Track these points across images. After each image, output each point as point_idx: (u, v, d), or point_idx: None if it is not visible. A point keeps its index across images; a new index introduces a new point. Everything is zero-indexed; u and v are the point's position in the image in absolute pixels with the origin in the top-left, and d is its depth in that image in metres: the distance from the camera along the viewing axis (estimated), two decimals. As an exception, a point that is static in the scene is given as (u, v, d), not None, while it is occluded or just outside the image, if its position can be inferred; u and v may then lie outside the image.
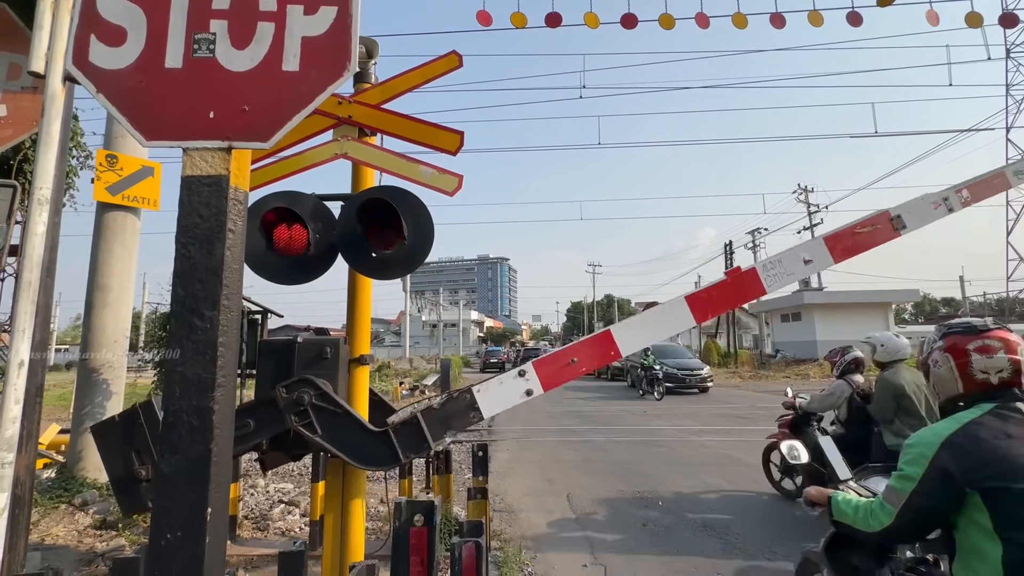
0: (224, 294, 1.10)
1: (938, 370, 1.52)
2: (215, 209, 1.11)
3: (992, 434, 1.31)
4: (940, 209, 2.41)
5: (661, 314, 2.31)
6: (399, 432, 2.12)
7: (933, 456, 1.34)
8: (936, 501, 1.34)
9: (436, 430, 2.12)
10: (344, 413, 2.23)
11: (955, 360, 1.47)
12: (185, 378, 1.07)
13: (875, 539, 1.51)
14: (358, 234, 2.40)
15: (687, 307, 2.28)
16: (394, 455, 2.12)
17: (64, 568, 3.28)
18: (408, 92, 2.86)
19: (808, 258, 2.34)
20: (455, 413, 2.15)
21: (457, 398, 2.16)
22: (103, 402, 5.65)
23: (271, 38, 1.20)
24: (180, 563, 1.02)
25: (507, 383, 2.18)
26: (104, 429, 2.28)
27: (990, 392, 1.42)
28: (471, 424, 2.19)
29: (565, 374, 2.22)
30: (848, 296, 27.12)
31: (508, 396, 2.18)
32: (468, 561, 1.73)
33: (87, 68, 1.19)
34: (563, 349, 2.27)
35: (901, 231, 2.36)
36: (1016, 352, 1.42)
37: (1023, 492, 1.22)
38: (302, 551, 1.75)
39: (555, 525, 4.92)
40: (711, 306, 2.30)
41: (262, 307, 4.25)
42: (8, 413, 1.20)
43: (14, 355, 1.23)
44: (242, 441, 2.18)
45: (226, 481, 1.11)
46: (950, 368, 1.48)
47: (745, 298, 2.37)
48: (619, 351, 2.25)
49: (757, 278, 2.31)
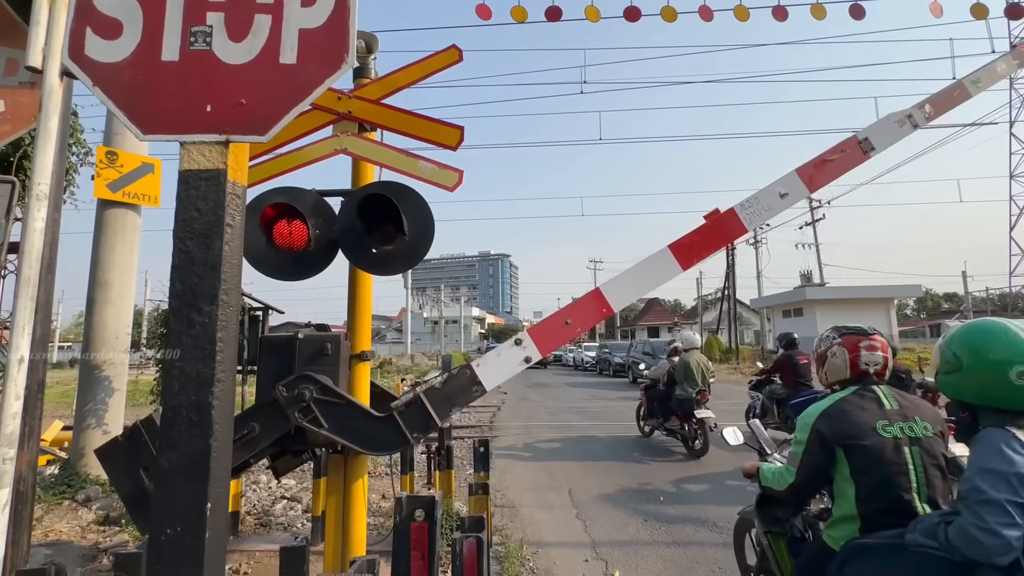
0: (223, 289, 1.09)
1: (834, 359, 2.02)
2: (213, 203, 1.10)
3: (852, 407, 1.85)
4: (905, 127, 2.45)
5: (648, 266, 2.33)
6: (404, 415, 2.12)
7: (813, 424, 1.86)
8: (818, 458, 1.84)
9: (441, 408, 2.12)
10: (348, 403, 2.23)
11: (849, 354, 1.97)
12: (184, 373, 1.06)
13: (786, 496, 1.98)
14: (358, 230, 2.40)
15: (672, 255, 2.31)
16: (402, 437, 2.12)
17: (67, 564, 3.30)
18: (408, 87, 2.85)
19: (783, 191, 2.38)
20: (458, 390, 2.15)
21: (458, 375, 2.16)
22: (105, 399, 5.66)
23: (268, 30, 1.19)
24: (180, 558, 1.02)
25: (505, 353, 2.20)
26: (109, 451, 2.27)
27: (862, 379, 1.95)
28: (474, 399, 2.19)
29: (560, 337, 2.24)
30: (850, 291, 27.07)
31: (507, 366, 2.19)
32: (469, 556, 1.73)
33: (83, 62, 1.18)
34: (556, 313, 2.29)
35: (870, 153, 2.41)
36: (887, 352, 1.98)
37: (867, 446, 1.75)
38: (304, 546, 1.75)
39: (556, 520, 4.93)
40: (695, 251, 2.33)
41: (263, 303, 4.25)
42: (9, 409, 1.20)
43: (14, 351, 1.23)
44: (250, 446, 2.18)
45: (226, 476, 1.11)
46: (844, 359, 1.98)
47: (727, 238, 2.39)
48: (611, 307, 2.28)
49: (736, 217, 2.35)
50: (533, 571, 3.80)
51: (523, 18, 6.07)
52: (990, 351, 1.51)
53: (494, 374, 2.17)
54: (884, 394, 1.90)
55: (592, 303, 2.27)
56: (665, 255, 2.32)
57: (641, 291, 2.35)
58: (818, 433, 1.84)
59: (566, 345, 31.13)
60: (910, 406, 1.88)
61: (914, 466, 1.76)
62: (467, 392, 2.16)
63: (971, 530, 1.36)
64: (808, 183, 2.38)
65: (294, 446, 2.42)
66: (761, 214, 2.36)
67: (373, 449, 2.20)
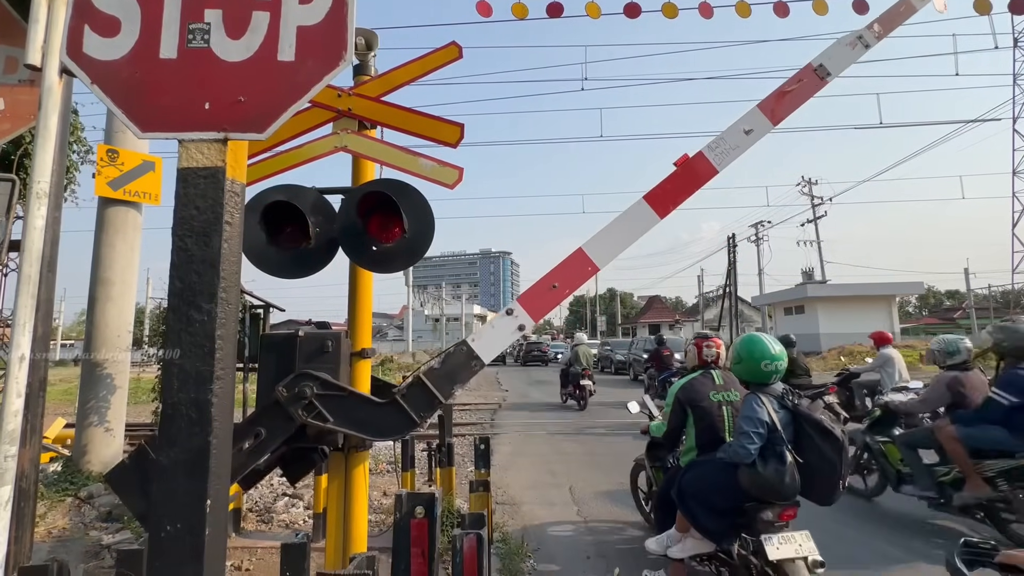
0: (222, 287, 1.09)
1: (691, 353, 3.42)
2: (211, 201, 1.10)
3: (697, 383, 3.17)
4: (857, 48, 2.49)
5: (626, 219, 2.35)
6: (408, 397, 2.13)
7: (676, 393, 3.22)
8: (679, 414, 3.18)
9: (443, 386, 2.13)
10: (350, 394, 2.24)
11: (697, 349, 3.35)
12: (183, 371, 1.06)
13: (665, 440, 3.42)
14: (359, 227, 2.40)
15: (648, 206, 2.34)
16: (409, 419, 2.12)
17: (70, 560, 3.31)
18: (408, 84, 2.84)
19: (748, 128, 2.41)
20: (457, 366, 2.16)
21: (455, 352, 2.17)
22: (107, 396, 5.68)
23: (266, 27, 1.19)
24: (181, 554, 1.02)
25: (499, 324, 2.20)
26: (118, 475, 2.25)
27: (705, 366, 3.30)
28: (474, 374, 2.19)
29: (550, 301, 2.24)
30: (852, 289, 26.99)
31: (502, 336, 2.20)
32: (469, 553, 1.73)
33: (82, 59, 1.18)
34: (543, 278, 2.29)
35: (827, 78, 2.47)
36: (720, 349, 3.34)
37: (703, 406, 3.06)
38: (305, 543, 1.75)
39: (558, 517, 4.94)
40: (670, 198, 2.36)
41: (264, 301, 4.25)
42: (10, 407, 1.20)
43: (15, 349, 1.23)
44: (259, 452, 2.18)
45: (226, 473, 1.12)
46: (695, 353, 3.36)
47: (699, 181, 2.41)
48: (595, 265, 2.29)
49: (705, 159, 2.38)
50: (534, 568, 3.81)
51: (524, 15, 6.03)
52: (752, 351, 2.78)
53: (490, 346, 2.18)
54: (716, 375, 3.24)
55: (577, 263, 2.28)
56: (641, 206, 2.34)
57: (622, 245, 2.36)
58: (678, 399, 3.19)
59: (567, 343, 31.07)
60: (731, 382, 3.18)
61: (727, 417, 3.06)
62: (467, 368, 2.16)
63: (735, 447, 2.66)
64: (771, 117, 2.42)
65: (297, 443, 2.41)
66: (729, 153, 2.39)
67: (382, 435, 2.20)
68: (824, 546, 2.81)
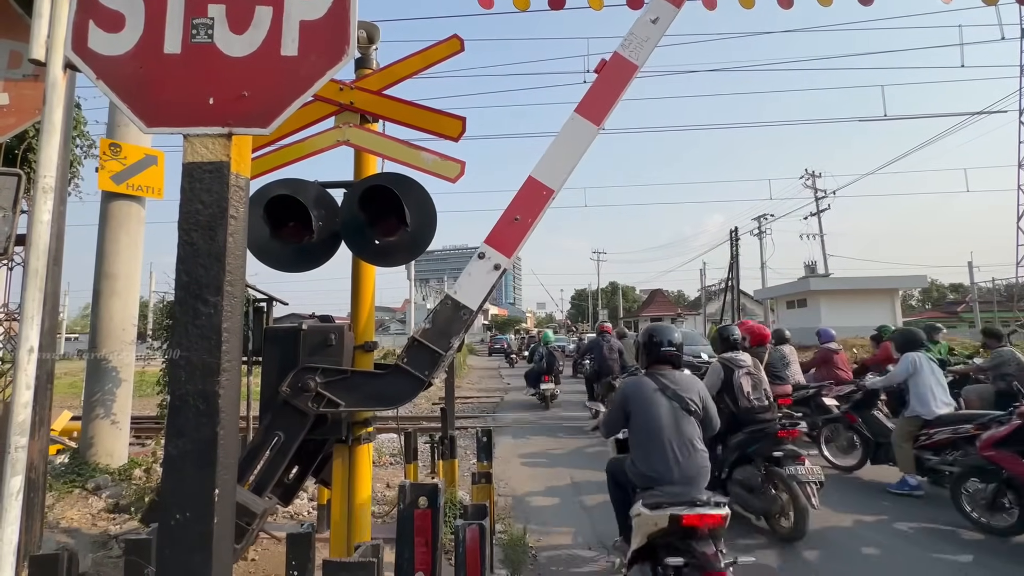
0: (227, 280, 1.11)
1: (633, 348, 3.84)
2: (216, 195, 1.11)
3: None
4: None
5: (565, 137, 2.40)
6: (409, 360, 2.18)
7: (621, 389, 3.20)
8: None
9: (440, 342, 2.18)
10: (352, 374, 2.29)
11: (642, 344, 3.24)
12: (190, 363, 1.08)
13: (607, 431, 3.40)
14: (361, 221, 2.41)
15: (582, 118, 2.39)
16: (416, 380, 2.18)
17: (79, 550, 3.36)
18: (410, 77, 2.84)
19: (654, 17, 2.48)
20: (447, 320, 2.21)
21: (441, 309, 2.23)
22: (113, 389, 5.73)
23: (269, 22, 1.19)
24: (189, 543, 1.04)
25: (475, 271, 2.25)
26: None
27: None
28: (467, 324, 2.25)
29: (516, 233, 2.29)
30: (854, 283, 26.87)
31: (482, 280, 2.25)
32: (472, 543, 1.76)
33: (86, 54, 1.19)
34: (503, 213, 2.32)
35: None
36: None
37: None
38: (310, 533, 1.78)
39: (559, 509, 4.98)
40: (600, 103, 2.40)
41: (267, 295, 4.27)
42: (20, 399, 1.22)
43: (23, 342, 1.25)
44: (283, 454, 2.22)
45: (233, 464, 1.13)
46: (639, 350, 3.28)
47: (624, 81, 2.45)
48: (548, 188, 2.33)
49: (622, 58, 2.44)
50: (536, 559, 3.84)
51: (525, 6, 5.99)
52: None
53: (473, 293, 2.24)
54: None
55: (532, 191, 2.32)
56: (576, 120, 2.39)
57: (570, 162, 2.38)
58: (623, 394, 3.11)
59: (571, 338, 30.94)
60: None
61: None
62: (457, 319, 2.22)
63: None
64: (674, 1, 2.49)
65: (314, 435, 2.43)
66: (643, 46, 2.44)
67: (396, 402, 2.25)
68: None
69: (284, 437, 2.22)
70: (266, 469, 2.21)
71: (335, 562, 1.36)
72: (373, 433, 2.73)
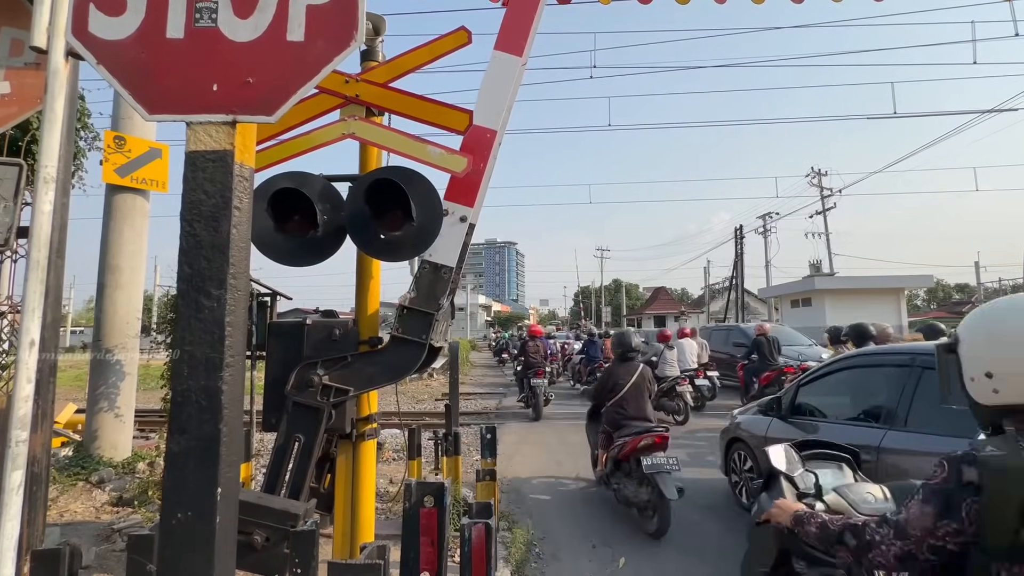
0: (231, 273, 1.07)
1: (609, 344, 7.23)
2: (220, 185, 1.07)
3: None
4: None
5: (492, 76, 2.46)
6: (403, 328, 2.22)
7: (602, 374, 5.18)
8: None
9: (429, 303, 2.23)
10: (354, 357, 2.28)
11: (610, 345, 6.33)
12: (193, 357, 1.05)
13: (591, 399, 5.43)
14: (366, 215, 2.37)
15: (503, 53, 2.44)
16: (417, 345, 2.21)
17: (82, 543, 3.36)
18: (416, 70, 2.79)
19: None
20: (431, 283, 2.26)
21: (421, 274, 2.28)
22: (117, 383, 5.74)
23: (275, 6, 1.15)
24: (191, 542, 1.02)
25: (444, 229, 2.29)
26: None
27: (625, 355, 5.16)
28: (450, 282, 2.29)
29: (472, 183, 2.34)
30: (859, 282, 26.72)
31: (453, 236, 2.30)
32: (478, 542, 1.73)
33: (87, 39, 1.15)
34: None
35: None
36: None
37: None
38: (313, 530, 1.76)
39: (563, 506, 4.96)
40: (516, 34, 2.45)
41: (271, 289, 4.25)
42: (21, 392, 1.20)
43: (25, 334, 1.23)
44: (307, 455, 2.20)
45: (236, 461, 1.11)
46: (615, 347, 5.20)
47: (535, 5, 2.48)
48: (491, 129, 2.38)
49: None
50: (540, 556, 3.83)
51: (532, 0, 5.93)
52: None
53: (447, 250, 2.29)
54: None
55: (476, 137, 2.37)
56: (497, 56, 2.44)
57: (502, 100, 2.40)
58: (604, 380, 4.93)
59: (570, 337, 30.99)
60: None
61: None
62: (439, 279, 2.26)
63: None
64: None
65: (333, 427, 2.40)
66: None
67: (403, 372, 2.27)
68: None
69: (304, 438, 2.20)
70: (296, 474, 2.18)
71: (341, 564, 1.33)
72: (377, 429, 2.71)
